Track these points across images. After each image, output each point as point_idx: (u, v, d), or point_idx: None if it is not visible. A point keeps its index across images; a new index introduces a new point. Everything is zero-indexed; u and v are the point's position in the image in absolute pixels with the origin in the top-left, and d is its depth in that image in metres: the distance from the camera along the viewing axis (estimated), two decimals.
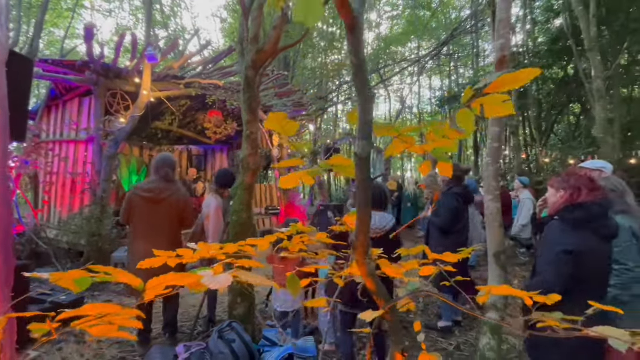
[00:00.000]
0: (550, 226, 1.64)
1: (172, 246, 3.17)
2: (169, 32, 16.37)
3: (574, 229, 1.53)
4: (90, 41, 4.68)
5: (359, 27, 0.39)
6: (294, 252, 1.19)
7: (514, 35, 13.93)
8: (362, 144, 0.43)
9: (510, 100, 0.48)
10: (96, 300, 3.87)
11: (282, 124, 0.45)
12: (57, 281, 0.47)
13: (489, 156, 1.91)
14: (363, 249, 0.48)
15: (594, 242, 1.52)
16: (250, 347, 2.51)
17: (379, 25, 19.70)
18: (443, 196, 3.21)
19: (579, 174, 1.60)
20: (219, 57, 5.96)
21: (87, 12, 16.64)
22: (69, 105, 5.81)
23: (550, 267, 1.53)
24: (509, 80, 0.44)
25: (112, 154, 5.00)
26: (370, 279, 0.52)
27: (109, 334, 0.50)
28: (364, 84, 0.43)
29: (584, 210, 1.51)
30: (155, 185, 2.78)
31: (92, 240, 4.56)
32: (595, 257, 1.52)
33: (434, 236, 3.23)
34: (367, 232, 0.47)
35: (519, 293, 0.65)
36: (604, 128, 6.27)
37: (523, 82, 0.45)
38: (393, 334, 0.63)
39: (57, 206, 5.69)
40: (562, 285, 1.47)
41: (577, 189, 1.54)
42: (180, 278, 0.44)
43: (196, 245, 0.88)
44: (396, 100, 22.04)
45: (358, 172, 0.43)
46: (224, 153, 10.46)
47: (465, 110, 0.47)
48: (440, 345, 3.07)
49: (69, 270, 2.54)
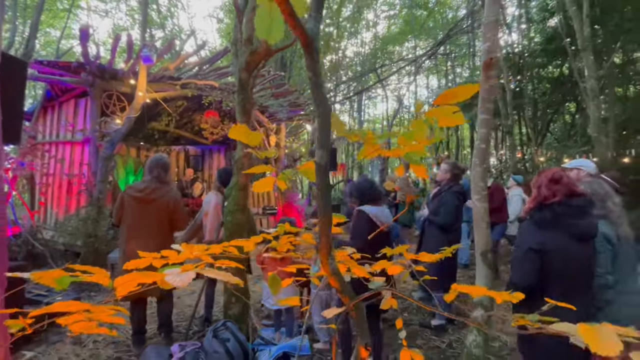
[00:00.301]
0: (522, 226, 1.69)
1: (162, 247, 3.17)
2: (165, 32, 16.35)
3: (541, 228, 1.59)
4: (85, 43, 4.69)
5: (315, 46, 0.42)
6: (282, 252, 1.22)
7: (510, 34, 13.99)
8: (320, 153, 0.46)
9: (460, 112, 0.51)
10: (92, 300, 3.89)
11: (246, 135, 0.47)
12: (39, 279, 0.50)
13: (476, 157, 1.95)
14: (326, 250, 0.51)
15: (563, 241, 1.56)
16: (244, 346, 2.54)
17: (376, 25, 19.76)
18: (444, 195, 3.23)
19: (545, 175, 1.65)
20: (215, 57, 5.98)
21: (83, 12, 16.59)
22: (65, 106, 5.82)
23: (518, 265, 1.58)
24: (451, 95, 0.48)
25: (108, 155, 5.01)
26: (334, 277, 0.55)
27: (89, 330, 0.53)
28: (322, 99, 0.46)
29: (550, 210, 1.56)
30: (146, 185, 2.79)
31: (89, 241, 4.58)
32: (566, 255, 1.56)
33: (433, 234, 3.21)
34: (329, 234, 0.50)
35: (484, 292, 0.68)
36: (597, 127, 6.33)
37: (463, 98, 0.49)
38: (358, 329, 0.66)
39: (54, 207, 5.70)
40: (528, 281, 1.53)
41: (544, 190, 1.59)
42: (146, 276, 0.47)
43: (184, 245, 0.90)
44: (394, 99, 22.09)
45: (318, 179, 0.47)
46: (221, 153, 10.47)
47: (419, 121, 0.50)
48: (433, 343, 3.11)
49: (65, 270, 2.59)
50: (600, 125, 6.53)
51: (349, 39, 18.45)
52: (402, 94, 20.04)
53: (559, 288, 1.61)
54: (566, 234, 1.59)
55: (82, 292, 4.02)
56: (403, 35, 18.53)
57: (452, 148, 18.39)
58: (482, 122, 1.98)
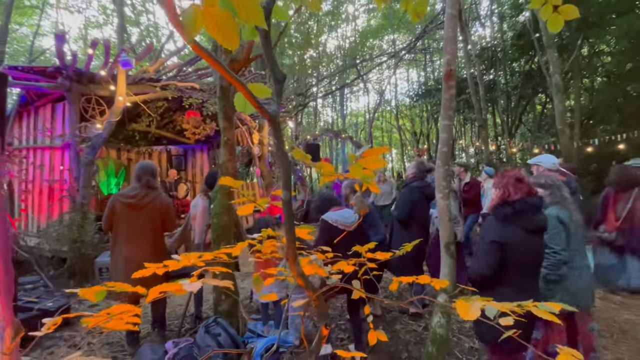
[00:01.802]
0: (487, 221, 1.93)
1: (156, 249, 3.34)
2: (140, 28, 15.91)
3: (501, 223, 1.82)
4: (61, 47, 4.65)
5: (277, 121, 0.59)
6: (267, 254, 1.40)
7: (484, 29, 14.42)
8: (285, 192, 0.64)
9: (384, 158, 0.70)
10: (83, 305, 3.96)
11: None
12: (84, 295, 0.66)
13: (439, 159, 2.17)
14: (293, 258, 0.69)
15: (520, 234, 1.80)
16: (235, 340, 2.72)
17: (356, 18, 19.87)
18: (402, 189, 3.52)
19: (508, 175, 1.89)
20: (194, 59, 6.00)
21: (54, 9, 15.91)
22: (42, 111, 5.73)
23: (481, 255, 1.82)
24: (374, 152, 0.67)
25: (89, 160, 5.01)
26: (300, 278, 0.74)
27: (118, 327, 0.69)
28: (284, 158, 0.64)
29: (510, 207, 1.80)
30: (137, 192, 2.91)
31: (75, 247, 4.60)
32: (522, 246, 1.80)
33: (396, 229, 3.52)
34: (294, 246, 0.68)
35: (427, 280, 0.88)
36: (562, 120, 6.77)
37: (381, 153, 0.68)
38: (320, 314, 0.86)
39: (35, 214, 5.65)
40: (490, 269, 1.77)
41: (506, 189, 1.83)
42: (170, 286, 0.64)
43: (180, 248, 1.07)
44: (375, 93, 22.39)
45: (284, 211, 0.65)
46: (204, 152, 10.45)
47: (356, 166, 0.69)
48: (410, 327, 3.39)
49: (51, 277, 2.84)
50: (565, 118, 6.98)
51: (329, 32, 18.52)
52: (383, 88, 20.34)
53: (514, 274, 1.86)
54: (522, 228, 1.83)
55: (71, 297, 4.08)
56: (382, 30, 18.74)
57: (433, 139, 18.90)
58: (444, 127, 2.21)
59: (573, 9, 1.39)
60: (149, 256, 2.87)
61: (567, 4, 1.45)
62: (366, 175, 0.88)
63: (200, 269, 0.88)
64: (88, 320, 0.78)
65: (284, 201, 0.64)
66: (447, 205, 2.12)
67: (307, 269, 0.97)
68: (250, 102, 0.53)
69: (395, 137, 23.02)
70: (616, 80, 9.87)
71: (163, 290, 0.65)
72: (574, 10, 1.39)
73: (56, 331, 3.12)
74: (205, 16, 0.38)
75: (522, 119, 13.20)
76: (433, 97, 13.95)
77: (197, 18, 0.37)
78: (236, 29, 0.40)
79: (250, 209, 0.74)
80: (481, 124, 9.78)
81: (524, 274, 1.87)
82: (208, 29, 0.40)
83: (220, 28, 0.40)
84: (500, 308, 0.68)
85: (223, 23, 0.40)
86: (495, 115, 13.85)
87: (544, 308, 0.75)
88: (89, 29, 16.99)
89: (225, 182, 0.72)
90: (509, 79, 12.60)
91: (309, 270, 0.97)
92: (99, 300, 0.71)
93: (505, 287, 1.85)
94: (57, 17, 16.67)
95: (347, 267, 0.96)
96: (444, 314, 1.98)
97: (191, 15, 0.37)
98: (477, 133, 14.52)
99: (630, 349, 2.87)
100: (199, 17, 0.38)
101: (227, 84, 3.23)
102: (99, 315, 0.72)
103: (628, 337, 3.07)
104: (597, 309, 3.68)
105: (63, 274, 4.65)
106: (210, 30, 0.40)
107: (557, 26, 1.44)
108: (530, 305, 0.83)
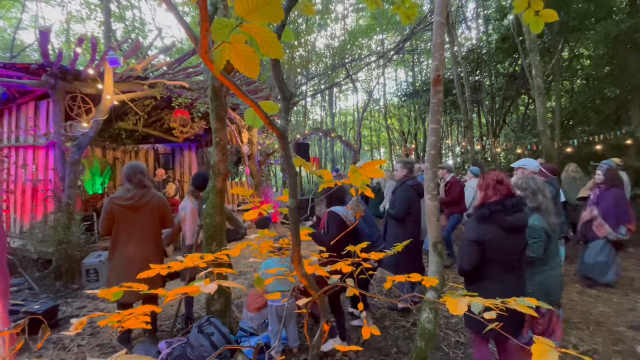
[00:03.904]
0: (468, 221, 2.05)
1: (157, 248, 3.36)
2: (125, 24, 15.55)
3: (481, 223, 1.95)
4: (45, 44, 4.54)
5: (285, 136, 0.64)
6: (263, 254, 1.45)
7: (470, 31, 14.71)
8: (291, 200, 0.70)
9: (380, 169, 0.77)
10: (70, 307, 3.91)
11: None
12: (105, 295, 0.70)
13: (427, 161, 2.26)
14: (297, 259, 0.75)
15: (498, 233, 1.93)
16: (228, 338, 2.75)
17: (345, 17, 19.94)
18: (398, 190, 3.62)
19: (489, 177, 2.00)
20: (183, 57, 5.94)
21: (34, 2, 15.35)
22: (24, 108, 5.58)
23: (463, 252, 1.94)
24: (372, 164, 0.73)
25: (75, 160, 4.92)
26: (304, 278, 0.79)
27: (134, 325, 0.73)
28: (291, 167, 0.69)
29: (488, 208, 1.92)
30: (133, 193, 2.91)
31: (61, 248, 4.52)
32: (501, 244, 1.94)
33: (391, 226, 3.64)
34: (299, 248, 0.74)
35: (418, 278, 0.95)
36: (543, 121, 7.02)
37: (378, 165, 0.74)
38: (321, 311, 0.92)
39: (18, 214, 5.50)
40: (471, 265, 1.89)
41: (487, 191, 1.94)
42: (187, 288, 0.68)
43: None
44: (364, 92, 22.55)
45: (290, 217, 0.70)
46: (192, 150, 10.34)
47: (356, 175, 0.74)
48: (399, 323, 3.49)
49: (36, 279, 2.85)
50: (546, 119, 7.23)
51: (318, 31, 18.52)
52: (372, 86, 20.50)
53: (494, 270, 1.98)
54: (499, 227, 1.95)
55: (58, 299, 4.01)
56: (371, 29, 18.88)
57: (420, 138, 19.20)
58: (432, 131, 2.29)
59: (552, 13, 1.50)
60: (152, 255, 2.90)
61: (547, 9, 1.56)
62: (362, 180, 0.94)
63: (204, 271, 0.92)
64: (112, 319, 0.81)
65: (290, 208, 0.69)
66: (434, 205, 2.21)
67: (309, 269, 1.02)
68: (261, 118, 0.58)
69: (384, 136, 23.27)
70: (594, 82, 10.27)
71: (182, 291, 0.69)
72: (553, 14, 1.51)
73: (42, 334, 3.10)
74: (233, 52, 0.43)
75: (506, 119, 13.57)
76: (421, 97, 14.17)
77: (224, 53, 0.42)
78: (257, 61, 0.45)
79: (255, 214, 0.79)
80: (467, 125, 10.02)
81: (504, 269, 2.00)
82: (233, 60, 0.45)
83: (243, 60, 0.45)
84: (484, 303, 0.75)
85: (247, 57, 0.44)
86: (481, 116, 14.18)
87: (523, 303, 0.83)
88: (71, 22, 16.48)
89: (239, 192, 0.76)
90: (494, 80, 12.92)
91: (310, 270, 1.02)
92: (116, 300, 0.74)
93: (489, 281, 1.99)
94: (37, 11, 16.12)
95: (345, 267, 1.03)
96: (432, 310, 2.07)
97: (220, 51, 0.42)
98: (463, 133, 14.85)
99: (605, 340, 3.04)
100: (226, 52, 0.43)
101: (220, 84, 3.23)
102: (118, 315, 0.76)
103: (603, 328, 3.26)
104: (574, 302, 3.88)
105: (49, 276, 4.56)
106: (234, 62, 0.45)
107: (538, 27, 1.55)
108: (511, 301, 0.91)
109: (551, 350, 0.57)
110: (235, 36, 0.42)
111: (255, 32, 0.43)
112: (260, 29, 0.42)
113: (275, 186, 17.25)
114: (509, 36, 10.20)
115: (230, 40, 0.42)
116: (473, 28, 14.29)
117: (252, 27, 0.42)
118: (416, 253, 3.73)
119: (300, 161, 0.81)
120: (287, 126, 0.66)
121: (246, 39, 0.43)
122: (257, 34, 0.43)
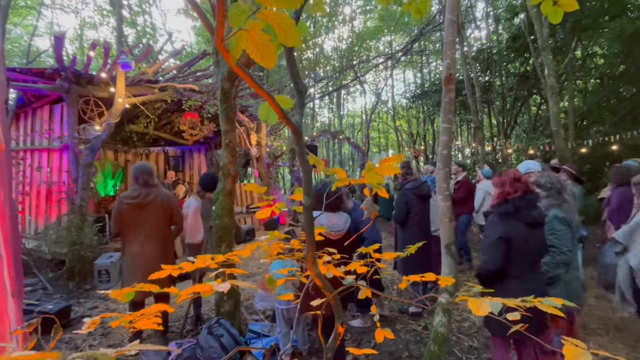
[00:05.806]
0: (489, 219, 1.99)
1: (165, 246, 3.37)
2: (137, 29, 15.85)
3: (503, 220, 1.90)
4: (60, 49, 4.64)
5: (300, 131, 0.63)
6: (274, 255, 1.43)
7: (480, 31, 14.55)
8: (306, 198, 0.68)
9: (397, 166, 0.74)
10: (83, 307, 3.96)
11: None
12: (116, 296, 0.69)
13: (439, 161, 2.21)
14: (311, 259, 0.72)
15: (520, 229, 1.89)
16: (237, 340, 2.74)
17: (353, 19, 19.94)
18: (398, 193, 3.62)
19: (507, 174, 1.95)
20: (192, 61, 6.01)
21: (50, 10, 15.79)
22: (39, 112, 5.71)
23: (487, 251, 1.89)
24: (390, 160, 0.70)
25: (88, 162, 5.00)
26: (318, 278, 0.77)
27: (146, 326, 0.72)
28: (306, 163, 0.67)
29: (510, 204, 1.87)
30: (139, 192, 2.94)
31: (74, 249, 4.59)
32: (524, 240, 1.89)
33: (398, 230, 3.63)
34: (314, 248, 0.71)
35: (433, 277, 0.92)
36: (557, 121, 6.87)
37: (396, 161, 0.71)
38: (336, 313, 0.89)
39: (32, 216, 5.62)
40: (496, 263, 1.84)
41: (505, 187, 1.90)
42: (201, 287, 0.67)
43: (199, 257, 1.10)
44: (372, 94, 22.48)
45: (305, 215, 0.68)
46: (201, 153, 10.45)
47: (371, 172, 0.72)
48: (410, 327, 3.43)
49: (50, 279, 2.88)
50: (559, 119, 7.08)
51: (326, 33, 18.58)
52: (380, 88, 20.43)
53: (517, 268, 1.93)
54: (522, 222, 1.91)
55: (71, 300, 4.07)
56: (379, 31, 18.84)
57: (429, 140, 19.03)
58: (444, 130, 2.25)
59: (572, 2, 1.41)
60: (159, 253, 2.92)
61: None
62: (377, 179, 0.91)
63: (216, 271, 0.91)
64: (126, 319, 0.80)
65: (305, 207, 0.67)
66: (447, 206, 2.16)
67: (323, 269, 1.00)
68: (276, 112, 0.56)
69: (392, 138, 23.13)
70: (609, 82, 10.02)
71: (196, 290, 0.68)
72: (574, 3, 1.42)
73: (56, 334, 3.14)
74: (249, 40, 0.42)
75: (518, 120, 13.34)
76: (430, 98, 14.04)
77: (240, 42, 0.40)
78: (274, 50, 0.43)
79: (267, 213, 0.78)
80: (477, 125, 9.88)
81: (527, 266, 1.95)
82: (249, 50, 0.43)
83: (259, 50, 0.43)
84: (508, 303, 0.72)
85: (263, 45, 0.43)
86: (491, 117, 13.98)
87: (549, 303, 0.79)
88: (85, 29, 16.89)
89: (252, 189, 0.75)
90: (505, 80, 12.73)
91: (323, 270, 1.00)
92: (129, 300, 0.73)
93: (512, 280, 1.93)
94: (52, 18, 16.57)
95: (361, 268, 1.00)
96: (445, 313, 2.02)
97: (236, 39, 0.40)
98: (473, 134, 14.65)
99: (626, 347, 2.93)
100: (243, 40, 0.41)
101: (229, 86, 3.24)
102: (130, 316, 0.75)
103: (624, 334, 3.14)
104: (592, 307, 3.76)
105: (62, 276, 4.63)
106: (250, 51, 0.43)
107: (557, 18, 1.46)
108: (535, 301, 0.87)
109: (584, 352, 0.54)
110: (251, 23, 0.41)
111: (273, 18, 0.41)
112: (278, 15, 0.41)
113: (284, 188, 17.29)
114: (519, 35, 10.04)
115: (247, 28, 0.41)
116: (483, 28, 14.12)
117: (269, 13, 0.40)
118: (426, 257, 3.66)
119: (313, 159, 0.79)
120: (302, 121, 0.65)
121: (263, 26, 0.41)
122: (275, 21, 0.42)
